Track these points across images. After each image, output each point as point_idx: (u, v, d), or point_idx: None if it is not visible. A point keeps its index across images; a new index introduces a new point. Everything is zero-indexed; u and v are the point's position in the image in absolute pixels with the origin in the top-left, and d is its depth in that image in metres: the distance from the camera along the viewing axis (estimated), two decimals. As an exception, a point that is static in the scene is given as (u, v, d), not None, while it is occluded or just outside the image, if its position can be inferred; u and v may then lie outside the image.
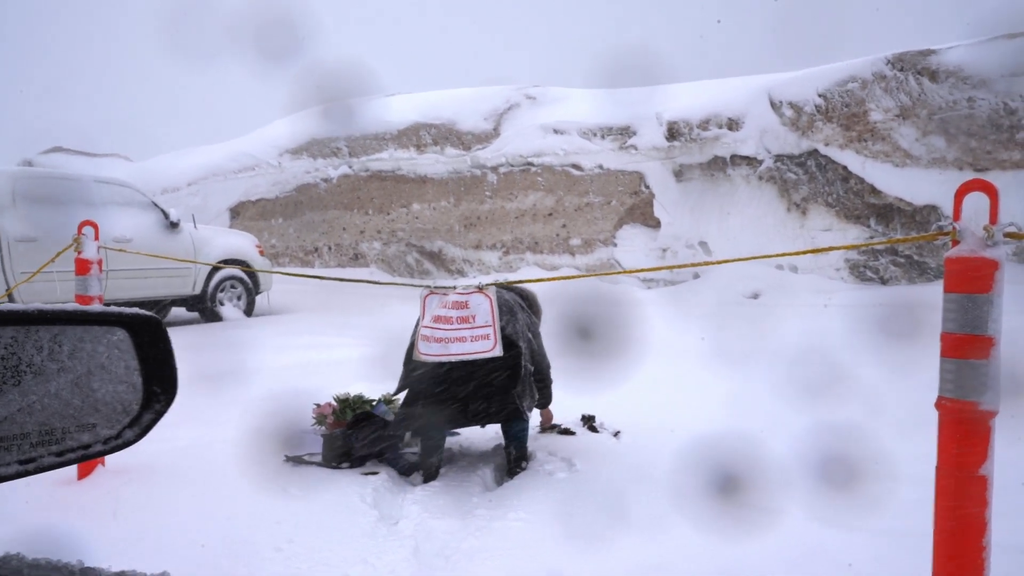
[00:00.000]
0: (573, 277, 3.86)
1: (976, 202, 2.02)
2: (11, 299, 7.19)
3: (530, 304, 4.35)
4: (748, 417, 4.41)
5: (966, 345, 1.88)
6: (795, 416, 4.18)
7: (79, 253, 3.85)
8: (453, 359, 3.68)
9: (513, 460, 3.93)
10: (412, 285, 4.11)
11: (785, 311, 8.50)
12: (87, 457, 0.86)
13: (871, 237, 9.54)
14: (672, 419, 4.61)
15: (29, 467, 0.78)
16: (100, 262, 3.91)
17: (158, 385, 0.89)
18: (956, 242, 1.97)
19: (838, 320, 7.48)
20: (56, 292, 7.24)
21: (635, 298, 10.23)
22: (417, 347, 3.70)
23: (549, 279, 3.77)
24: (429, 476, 3.81)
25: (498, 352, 3.69)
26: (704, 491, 3.36)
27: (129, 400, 0.88)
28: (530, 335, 3.99)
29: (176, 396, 0.90)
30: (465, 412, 3.85)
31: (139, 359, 0.88)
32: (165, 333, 0.90)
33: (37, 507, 3.19)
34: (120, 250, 4.40)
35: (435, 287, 3.83)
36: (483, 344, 3.69)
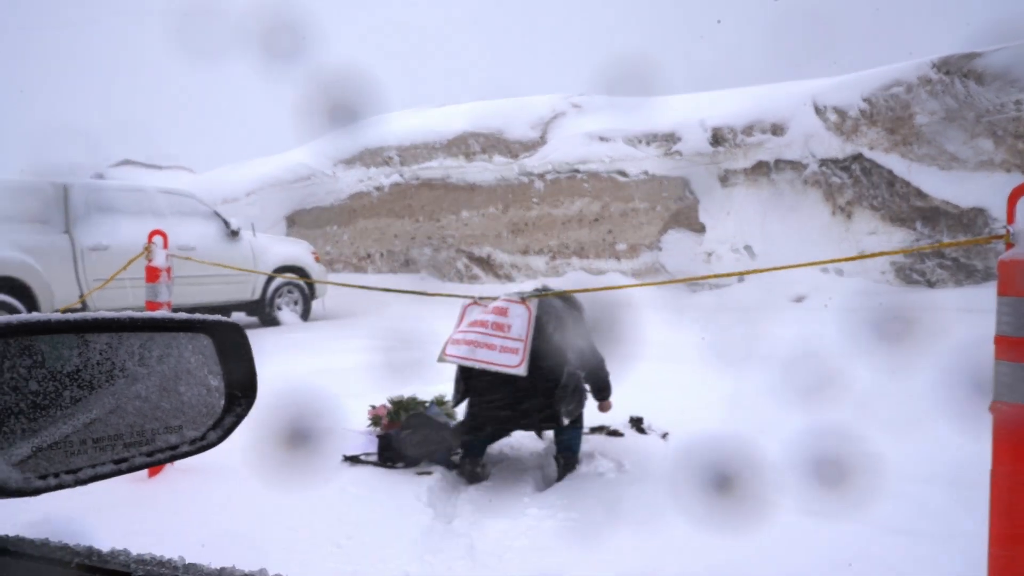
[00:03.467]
0: (621, 287, 3.84)
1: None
2: (84, 305, 7.40)
3: (575, 307, 4.26)
4: (786, 424, 4.32)
5: (1022, 348, 1.83)
6: (839, 417, 4.10)
7: (150, 261, 3.95)
8: (476, 365, 3.64)
9: (561, 467, 3.87)
10: (458, 296, 4.14)
11: (828, 314, 8.35)
12: (175, 457, 0.88)
13: (917, 240, 9.33)
14: (719, 421, 4.55)
15: (123, 466, 0.81)
16: (169, 269, 4.01)
17: (239, 389, 0.92)
18: (1010, 245, 1.92)
19: (859, 323, 7.33)
20: (128, 298, 7.43)
21: (679, 304, 10.15)
22: (444, 349, 3.68)
23: (593, 289, 3.75)
24: (472, 479, 3.81)
25: (522, 372, 3.59)
26: (754, 498, 3.31)
27: (212, 403, 0.90)
28: (581, 343, 3.93)
29: (255, 400, 0.93)
30: (509, 419, 3.86)
31: (221, 364, 0.91)
32: (246, 339, 0.93)
33: (113, 503, 3.27)
34: (186, 258, 4.51)
35: (479, 298, 3.81)
36: (510, 358, 3.60)
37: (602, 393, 4.22)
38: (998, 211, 8.55)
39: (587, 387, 4.04)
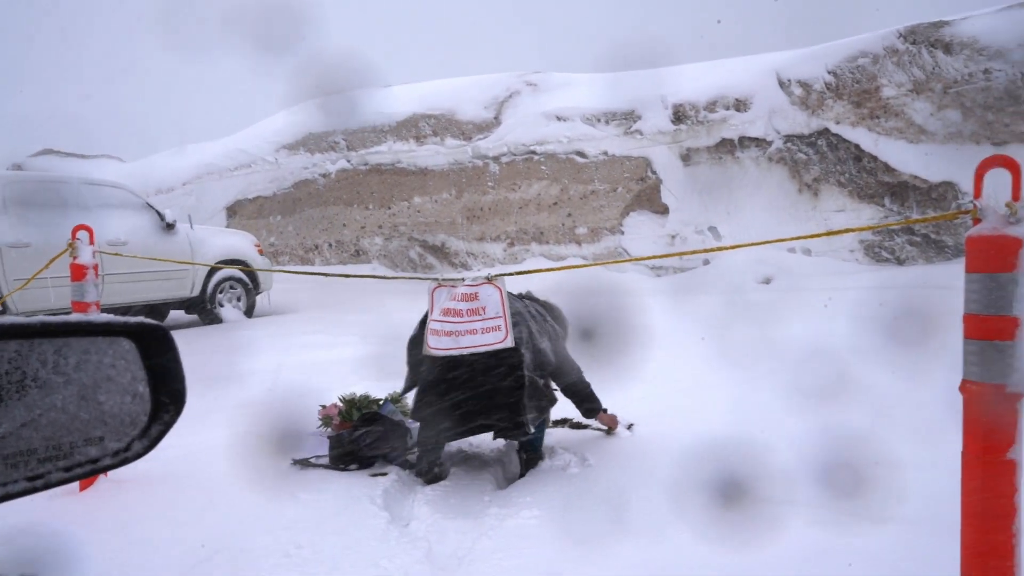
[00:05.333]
0: (579, 267, 3.85)
1: (996, 178, 2.01)
2: (5, 307, 7.21)
3: (554, 316, 4.28)
4: (755, 414, 4.39)
5: (990, 326, 1.87)
6: (802, 415, 4.17)
7: (74, 259, 3.85)
8: (465, 352, 3.66)
9: (524, 463, 3.92)
10: (418, 278, 4.11)
11: (798, 296, 8.48)
12: (96, 471, 0.86)
13: (886, 216, 9.51)
14: (685, 411, 4.61)
15: (37, 483, 0.78)
16: (96, 267, 3.91)
17: (166, 396, 0.89)
18: (977, 220, 1.96)
19: (851, 310, 7.45)
20: (51, 299, 7.26)
21: (643, 287, 10.22)
22: (427, 341, 3.69)
23: (555, 269, 3.76)
24: (429, 479, 3.81)
25: (509, 343, 3.67)
26: (713, 489, 3.35)
27: (137, 412, 0.88)
28: (544, 345, 3.92)
29: (184, 407, 0.91)
30: (471, 422, 3.80)
31: (146, 369, 0.88)
32: (172, 342, 0.90)
33: (41, 520, 3.20)
34: (115, 254, 4.41)
35: (443, 279, 3.83)
36: (494, 336, 3.67)
37: (589, 408, 4.19)
38: (967, 185, 8.75)
39: (553, 388, 4.06)
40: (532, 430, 3.75)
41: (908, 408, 4.25)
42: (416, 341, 3.96)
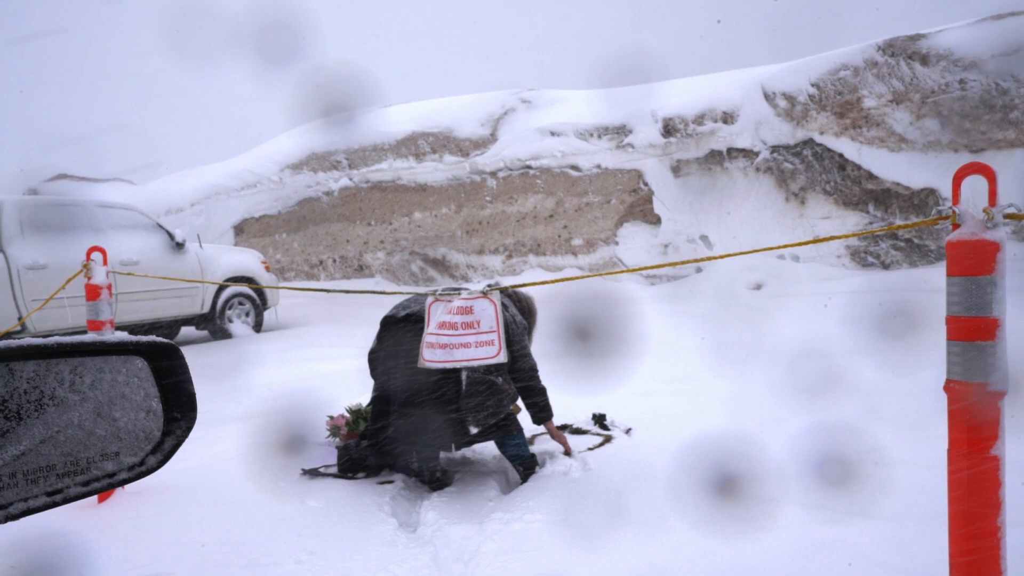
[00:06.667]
0: (574, 278, 3.86)
1: (974, 184, 2.02)
2: (24, 327, 7.21)
3: (520, 307, 4.17)
4: (752, 415, 4.41)
5: (971, 327, 1.88)
6: (796, 414, 4.18)
7: (89, 279, 3.86)
8: (458, 365, 3.65)
9: (522, 476, 3.88)
10: (418, 293, 4.11)
11: (788, 301, 8.49)
12: (112, 485, 0.86)
13: (870, 223, 9.52)
14: (682, 413, 4.61)
15: (56, 498, 0.79)
16: (110, 287, 3.92)
17: (178, 411, 0.90)
18: (956, 226, 1.97)
19: (840, 313, 7.46)
20: (68, 318, 7.26)
21: (638, 295, 10.23)
22: (422, 354, 3.67)
23: (551, 281, 3.76)
24: (435, 485, 3.80)
25: (502, 359, 3.62)
26: (713, 489, 3.35)
27: (150, 427, 0.88)
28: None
29: (195, 421, 0.91)
30: (435, 431, 3.72)
31: (158, 386, 0.89)
32: (183, 359, 0.91)
33: (61, 530, 3.20)
34: (128, 274, 4.41)
35: (440, 294, 3.82)
36: (487, 350, 3.63)
37: (535, 407, 3.89)
38: (947, 191, 8.77)
39: (509, 387, 3.84)
40: (473, 430, 3.65)
41: (896, 404, 4.26)
42: (375, 353, 3.95)
